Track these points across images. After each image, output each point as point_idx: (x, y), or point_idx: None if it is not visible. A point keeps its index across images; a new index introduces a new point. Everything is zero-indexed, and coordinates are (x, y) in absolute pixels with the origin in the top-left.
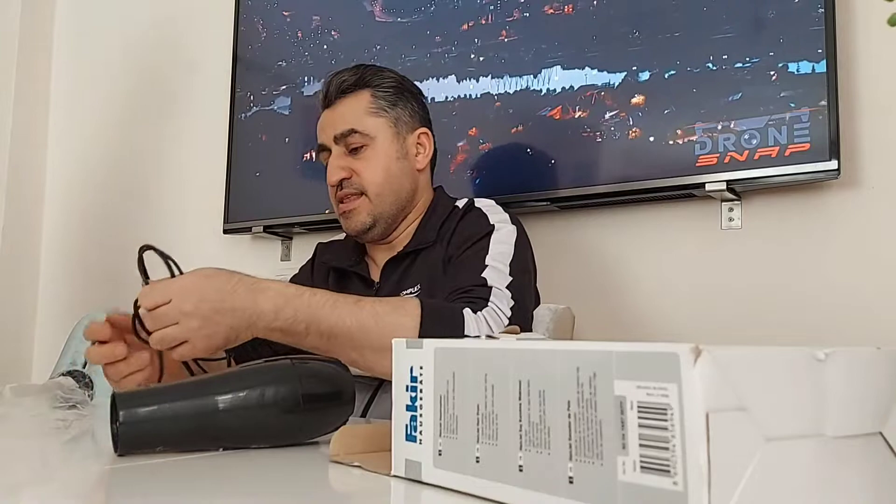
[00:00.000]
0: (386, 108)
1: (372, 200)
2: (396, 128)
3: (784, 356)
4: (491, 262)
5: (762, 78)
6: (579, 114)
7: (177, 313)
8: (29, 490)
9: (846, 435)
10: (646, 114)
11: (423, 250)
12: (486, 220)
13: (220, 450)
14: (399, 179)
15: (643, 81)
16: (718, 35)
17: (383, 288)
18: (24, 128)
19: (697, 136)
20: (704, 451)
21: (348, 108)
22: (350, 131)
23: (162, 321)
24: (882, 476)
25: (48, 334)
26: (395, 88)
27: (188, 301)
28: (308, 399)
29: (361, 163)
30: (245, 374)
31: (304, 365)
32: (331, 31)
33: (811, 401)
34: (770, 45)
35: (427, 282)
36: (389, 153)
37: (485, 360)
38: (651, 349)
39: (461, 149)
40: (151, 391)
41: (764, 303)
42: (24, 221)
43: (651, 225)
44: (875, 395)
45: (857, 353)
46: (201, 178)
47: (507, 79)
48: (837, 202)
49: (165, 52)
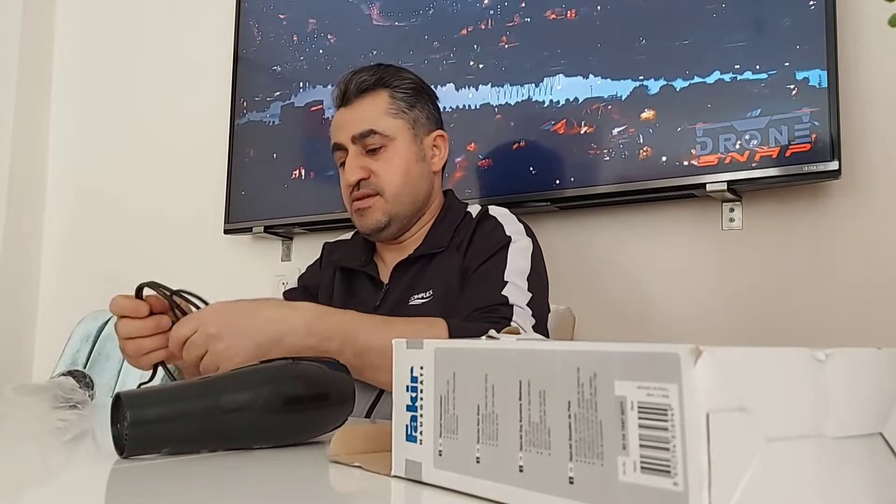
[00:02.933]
0: (405, 110)
1: (389, 201)
2: (415, 129)
3: (784, 357)
4: (511, 279)
5: (763, 78)
6: (585, 129)
7: (203, 339)
8: (31, 491)
9: (846, 435)
10: (657, 130)
11: (437, 255)
12: (501, 231)
13: (226, 450)
14: (417, 182)
15: (653, 94)
16: (728, 42)
17: (392, 290)
18: (26, 128)
19: (698, 137)
20: (705, 452)
21: (367, 109)
22: (369, 132)
23: (192, 351)
24: (882, 476)
25: (48, 334)
26: (414, 90)
27: (213, 325)
28: (308, 398)
29: (380, 164)
30: (245, 374)
31: (302, 364)
32: (327, 34)
33: (811, 401)
34: (771, 45)
35: (441, 288)
36: (408, 155)
37: (485, 361)
38: (651, 350)
39: (459, 165)
40: (157, 392)
41: (764, 303)
42: (24, 221)
43: (652, 225)
44: (875, 396)
45: (857, 353)
46: (201, 178)
47: (508, 88)
48: (837, 202)
49: (166, 51)
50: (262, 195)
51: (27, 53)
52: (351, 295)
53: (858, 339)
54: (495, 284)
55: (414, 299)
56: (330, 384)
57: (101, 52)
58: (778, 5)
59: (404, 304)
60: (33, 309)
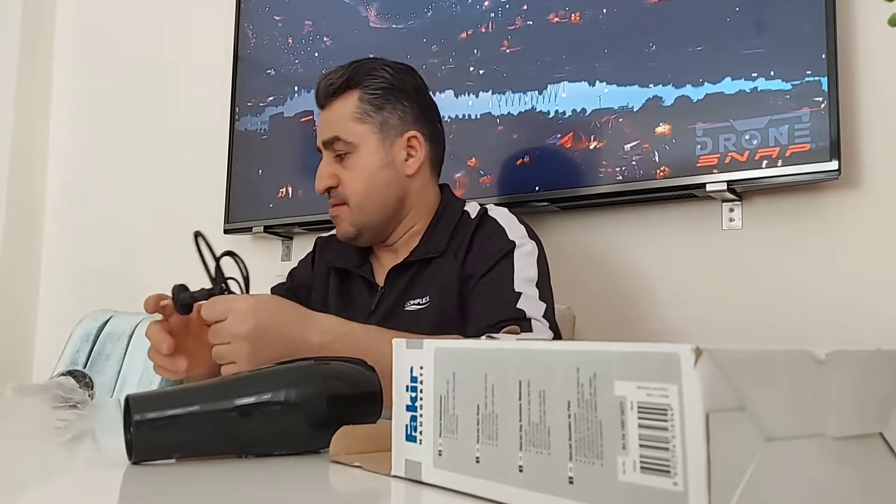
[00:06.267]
0: (371, 113)
1: (354, 212)
2: (382, 133)
3: (784, 356)
4: (522, 289)
5: (763, 78)
6: (595, 144)
7: (230, 334)
8: (31, 491)
9: (846, 435)
10: (673, 147)
11: (434, 260)
12: (504, 236)
13: (244, 457)
14: (383, 190)
15: (668, 106)
16: (732, 45)
17: (388, 294)
18: (26, 128)
19: (698, 137)
20: (704, 452)
21: (335, 113)
22: (334, 138)
23: (216, 338)
24: (882, 476)
25: (48, 334)
26: (385, 89)
27: (244, 324)
28: (334, 401)
29: (346, 172)
30: (266, 375)
31: (327, 365)
32: (323, 37)
33: (811, 401)
34: (771, 46)
35: (438, 295)
36: (373, 162)
37: (485, 361)
38: (651, 349)
39: (458, 181)
40: (167, 394)
41: (764, 303)
42: (25, 221)
43: (651, 225)
44: (875, 396)
45: (857, 353)
46: (201, 177)
47: (510, 95)
48: (838, 203)
49: (166, 51)
50: (264, 191)
51: (27, 54)
52: (346, 298)
53: (858, 338)
54: (508, 298)
55: (409, 304)
56: (358, 385)
57: (101, 51)
58: (779, 6)
59: (399, 308)
60: (33, 309)
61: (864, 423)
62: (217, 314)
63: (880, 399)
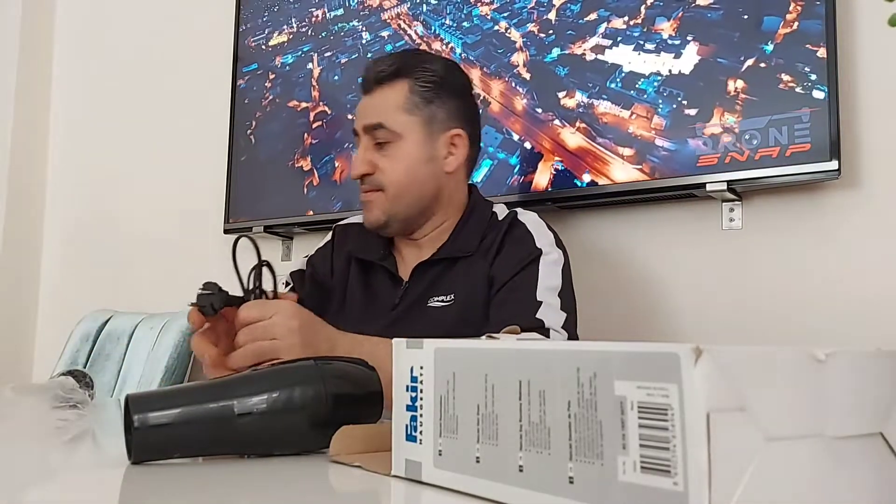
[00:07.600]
0: (420, 106)
1: (390, 200)
2: (429, 127)
3: (784, 356)
4: (544, 298)
5: (763, 78)
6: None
7: (282, 329)
8: (31, 491)
9: (846, 435)
10: (673, 147)
11: (462, 259)
12: (531, 242)
13: (246, 457)
14: (422, 183)
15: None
16: (730, 42)
17: (412, 289)
18: (25, 127)
19: (698, 136)
20: (705, 452)
21: (382, 100)
22: (378, 125)
23: (262, 335)
24: (882, 476)
25: (48, 334)
26: (436, 83)
27: (294, 319)
28: (335, 401)
29: (386, 160)
30: (266, 375)
31: (328, 364)
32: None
33: (811, 401)
34: (771, 45)
35: (464, 294)
36: (416, 155)
37: (485, 361)
38: (652, 349)
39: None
40: (167, 394)
41: (764, 303)
42: (24, 221)
43: (651, 225)
44: (875, 396)
45: (857, 353)
46: (201, 178)
47: None
48: (837, 202)
49: (166, 50)
50: (264, 191)
51: (27, 53)
52: (369, 290)
53: (858, 338)
54: (529, 306)
55: (434, 301)
56: (359, 385)
57: (101, 51)
58: (777, 5)
59: (423, 304)
60: (33, 309)
61: (864, 423)
62: (262, 312)
63: (880, 399)
